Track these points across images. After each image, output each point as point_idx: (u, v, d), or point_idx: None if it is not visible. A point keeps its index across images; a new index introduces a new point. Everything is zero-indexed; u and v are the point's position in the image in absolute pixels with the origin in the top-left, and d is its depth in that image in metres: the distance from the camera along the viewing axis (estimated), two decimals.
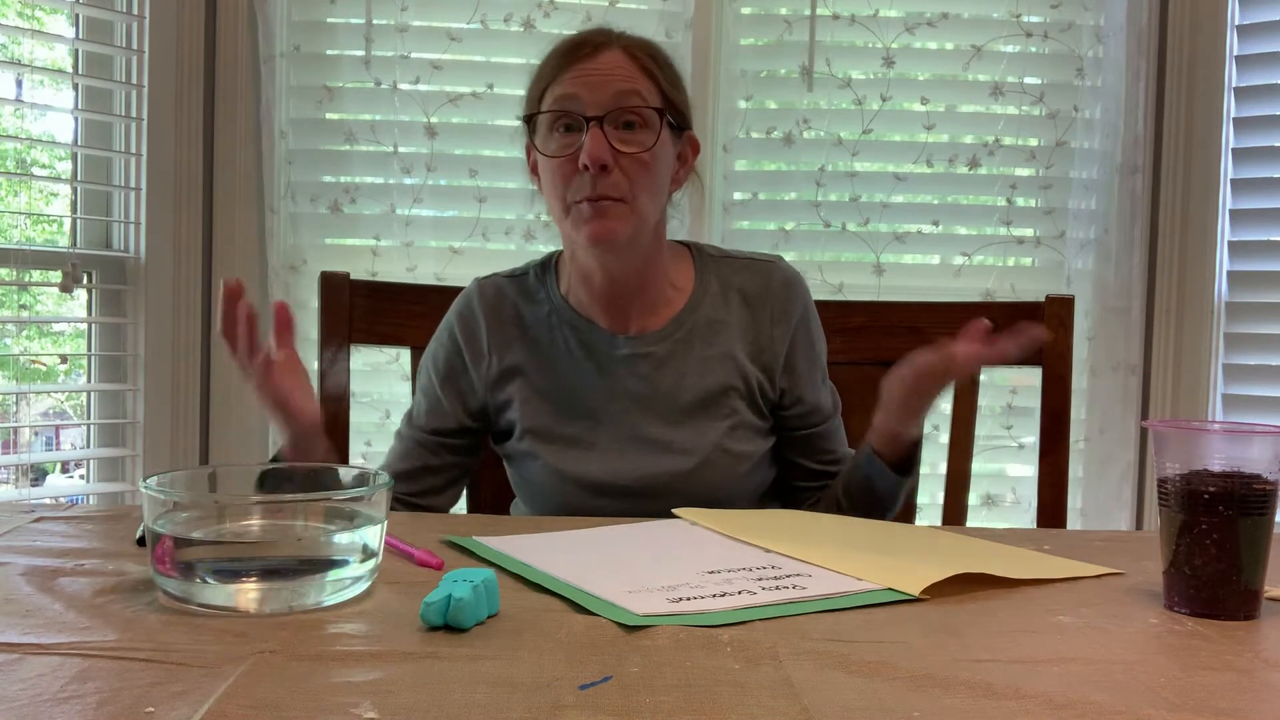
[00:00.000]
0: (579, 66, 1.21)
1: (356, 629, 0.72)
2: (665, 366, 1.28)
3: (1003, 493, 2.23)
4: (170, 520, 0.78)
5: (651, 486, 1.25)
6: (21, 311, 2.13)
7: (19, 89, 2.16)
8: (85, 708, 0.57)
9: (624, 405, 1.28)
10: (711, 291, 1.32)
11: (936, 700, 0.61)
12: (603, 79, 1.20)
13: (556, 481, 1.27)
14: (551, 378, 1.29)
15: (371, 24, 2.17)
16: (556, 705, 0.59)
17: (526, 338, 1.31)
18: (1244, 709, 0.61)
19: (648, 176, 1.21)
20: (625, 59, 1.22)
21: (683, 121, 1.28)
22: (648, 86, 1.22)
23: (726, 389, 1.28)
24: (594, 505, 1.25)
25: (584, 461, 1.27)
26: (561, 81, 1.22)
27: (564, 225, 1.24)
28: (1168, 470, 0.81)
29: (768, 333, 1.31)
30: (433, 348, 1.36)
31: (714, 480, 1.26)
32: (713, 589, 0.81)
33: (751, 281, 1.32)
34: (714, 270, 1.33)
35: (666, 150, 1.24)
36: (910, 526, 1.17)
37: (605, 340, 1.29)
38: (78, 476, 2.33)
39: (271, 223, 2.14)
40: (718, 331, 1.30)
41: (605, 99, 1.20)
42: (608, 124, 1.19)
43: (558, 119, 1.22)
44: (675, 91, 1.26)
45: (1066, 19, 2.20)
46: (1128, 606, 0.82)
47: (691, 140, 1.31)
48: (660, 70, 1.25)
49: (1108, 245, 2.20)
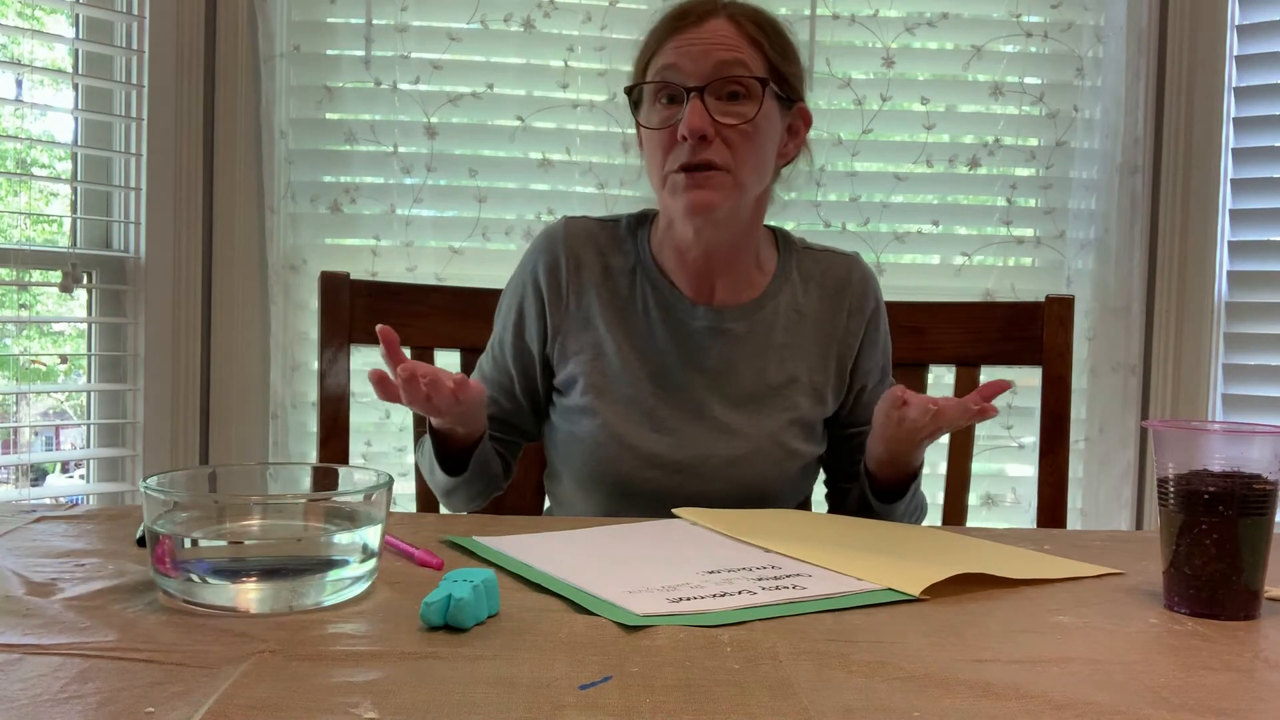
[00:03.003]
0: (682, 36, 1.19)
1: (356, 629, 0.72)
2: (739, 346, 1.27)
3: (1003, 493, 2.23)
4: (170, 520, 0.78)
5: (702, 467, 1.23)
6: (21, 311, 2.13)
7: (19, 89, 2.16)
8: (85, 708, 0.57)
9: (691, 378, 1.26)
10: (793, 279, 1.31)
11: (936, 700, 0.61)
12: (705, 48, 1.18)
13: (612, 446, 1.24)
14: (624, 335, 1.27)
15: (371, 24, 2.17)
16: (556, 705, 0.59)
17: (606, 286, 1.28)
18: (1244, 709, 0.61)
19: (750, 148, 1.18)
20: (730, 27, 1.19)
21: (792, 93, 1.24)
22: (753, 55, 1.19)
23: (793, 381, 1.27)
24: (643, 477, 1.23)
25: (643, 430, 1.24)
26: (665, 51, 1.20)
27: (662, 196, 1.23)
28: (1167, 470, 0.81)
29: (843, 325, 1.30)
30: (508, 294, 1.34)
31: (764, 471, 1.24)
32: (713, 589, 0.81)
33: (831, 274, 1.32)
34: (797, 259, 1.33)
35: (771, 122, 1.21)
36: (910, 526, 1.17)
37: (685, 307, 1.27)
38: (78, 476, 2.33)
39: (271, 223, 2.14)
40: (795, 322, 1.29)
41: (707, 69, 1.17)
42: (710, 95, 1.17)
43: (660, 90, 1.20)
44: (784, 61, 1.22)
45: (1066, 19, 2.20)
46: (1128, 606, 0.82)
47: (803, 112, 1.27)
48: (768, 38, 1.21)
49: (1108, 245, 2.20)
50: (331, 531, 0.80)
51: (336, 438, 1.48)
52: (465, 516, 1.27)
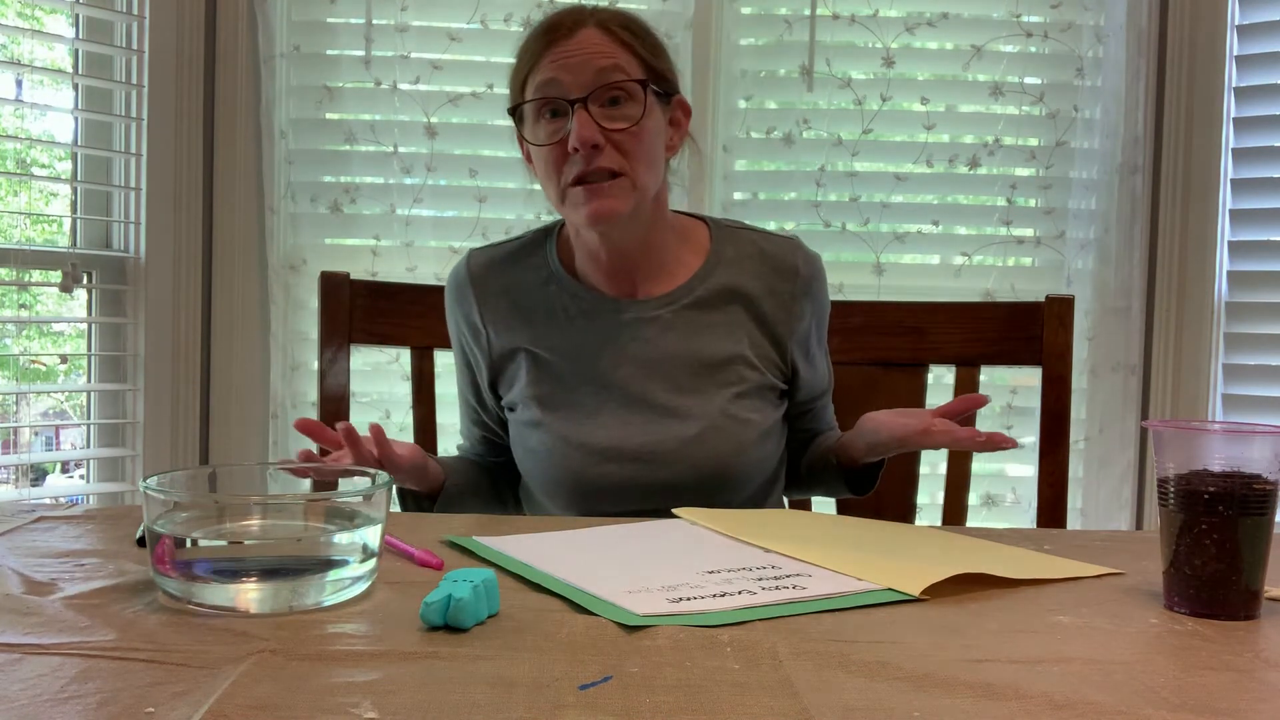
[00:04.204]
0: (556, 49, 1.20)
1: (356, 629, 0.72)
2: (671, 332, 1.28)
3: (1003, 493, 2.23)
4: (170, 520, 0.78)
5: (657, 452, 1.24)
6: (21, 311, 2.13)
7: (19, 89, 2.16)
8: (85, 708, 0.57)
9: (629, 371, 1.27)
10: (727, 258, 1.32)
11: (936, 700, 0.61)
12: (582, 59, 1.19)
13: (561, 448, 1.25)
14: (552, 346, 1.29)
15: (371, 24, 2.17)
16: (556, 705, 0.59)
17: (521, 307, 1.31)
18: (1244, 709, 0.61)
19: (641, 149, 1.20)
20: (601, 35, 1.21)
21: (668, 88, 1.26)
22: (628, 59, 1.21)
23: (735, 356, 1.28)
24: (598, 473, 1.24)
25: (589, 428, 1.25)
26: (541, 68, 1.21)
27: (563, 209, 1.24)
28: (1167, 470, 0.81)
29: (787, 305, 1.31)
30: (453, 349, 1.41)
31: (720, 448, 1.25)
32: (713, 589, 0.81)
33: (773, 253, 1.33)
34: (730, 239, 1.34)
35: (656, 120, 1.23)
36: (910, 526, 1.17)
37: (609, 306, 1.29)
38: (78, 476, 2.33)
39: (271, 223, 2.14)
40: (730, 299, 1.30)
41: (587, 79, 1.19)
42: (593, 103, 1.19)
43: (543, 106, 1.22)
44: (656, 59, 1.25)
45: (1066, 19, 2.20)
46: (1128, 606, 0.82)
47: (681, 104, 1.30)
48: (639, 40, 1.23)
49: (1108, 245, 2.20)
50: (331, 531, 0.80)
51: None
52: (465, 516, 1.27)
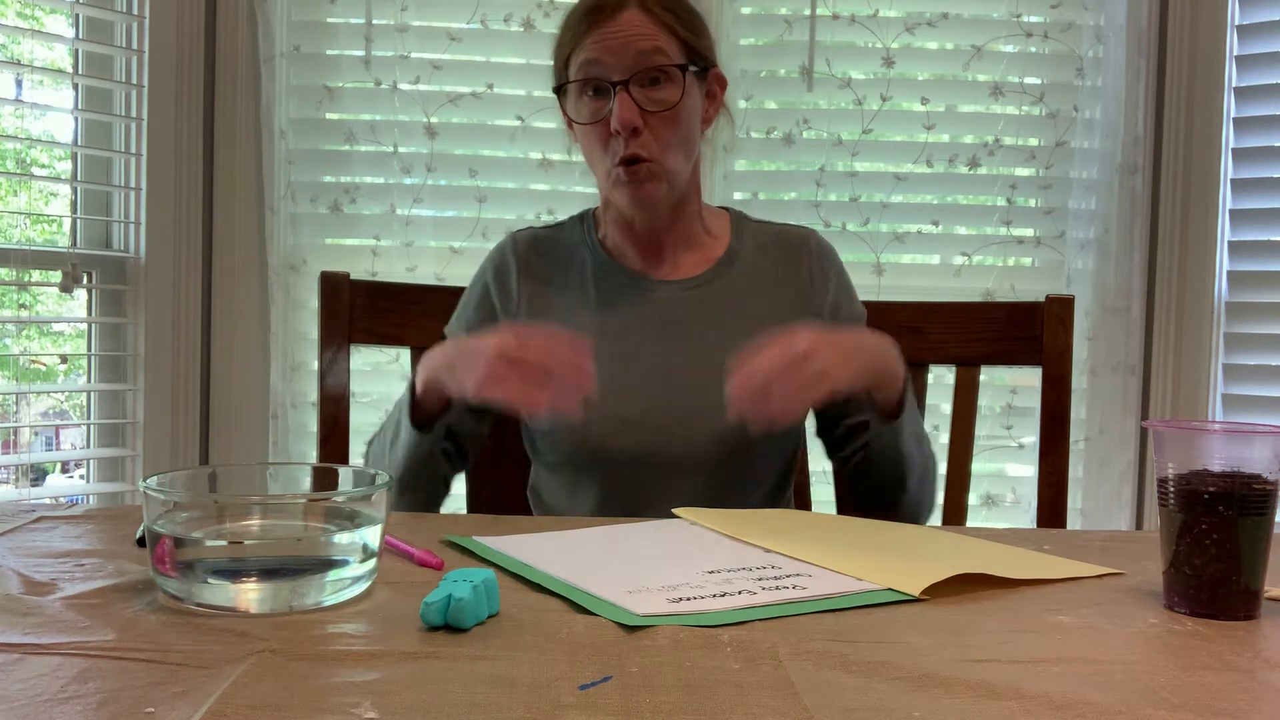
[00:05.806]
0: (599, 30, 1.24)
1: (356, 629, 0.72)
2: (703, 310, 1.31)
3: (1003, 493, 2.23)
4: (170, 520, 0.78)
5: (685, 419, 1.25)
6: (21, 311, 2.13)
7: (19, 89, 2.16)
8: (85, 708, 0.57)
9: (661, 346, 1.29)
10: (748, 249, 1.36)
11: (936, 700, 0.61)
12: (624, 40, 1.23)
13: (594, 417, 1.22)
14: (585, 320, 1.31)
15: (371, 24, 2.17)
16: (556, 705, 0.59)
17: (558, 282, 1.34)
18: (1244, 709, 0.61)
19: (677, 132, 1.25)
20: (643, 17, 1.24)
21: (707, 64, 1.30)
22: (669, 41, 1.25)
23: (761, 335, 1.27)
24: (624, 444, 1.25)
25: (612, 400, 1.24)
26: (584, 47, 1.24)
27: (604, 186, 1.30)
28: (1167, 470, 0.81)
29: (808, 285, 1.34)
30: (463, 300, 1.40)
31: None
32: (713, 589, 0.81)
33: (786, 241, 1.37)
34: (750, 231, 1.39)
35: (694, 99, 1.28)
36: (910, 526, 1.17)
37: (643, 284, 1.33)
38: (78, 476, 2.33)
39: (271, 223, 2.14)
40: (757, 287, 1.33)
41: (628, 61, 1.23)
42: (634, 85, 1.22)
43: (585, 85, 1.25)
44: (697, 38, 1.28)
45: (1066, 19, 2.20)
46: (1128, 606, 0.82)
47: (718, 77, 1.34)
48: (679, 21, 1.27)
49: (1108, 245, 2.20)
50: (331, 531, 0.80)
51: (336, 438, 1.48)
52: (465, 516, 1.27)
